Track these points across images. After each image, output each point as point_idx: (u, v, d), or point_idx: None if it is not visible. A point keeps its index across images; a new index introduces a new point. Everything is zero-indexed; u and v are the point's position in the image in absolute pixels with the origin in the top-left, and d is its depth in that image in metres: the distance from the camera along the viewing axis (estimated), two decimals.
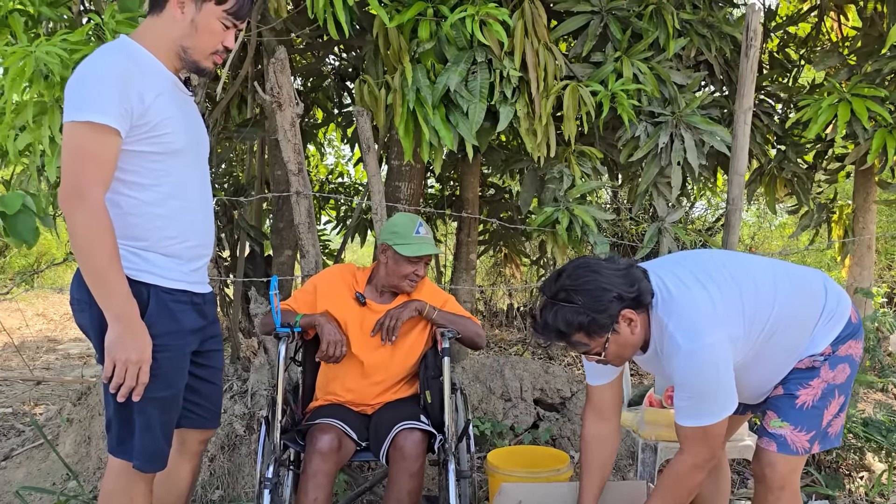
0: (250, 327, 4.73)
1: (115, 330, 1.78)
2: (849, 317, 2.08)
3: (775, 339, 2.02)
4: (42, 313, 9.26)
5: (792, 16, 4.92)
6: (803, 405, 2.03)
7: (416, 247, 2.56)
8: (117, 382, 1.80)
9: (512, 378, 3.74)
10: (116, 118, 1.76)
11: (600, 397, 2.24)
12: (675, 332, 1.93)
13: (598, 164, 3.55)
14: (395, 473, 2.36)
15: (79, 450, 3.48)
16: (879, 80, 3.79)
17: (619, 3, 3.50)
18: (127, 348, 1.79)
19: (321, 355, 2.49)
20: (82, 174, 1.75)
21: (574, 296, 1.91)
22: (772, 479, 2.06)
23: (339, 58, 5.23)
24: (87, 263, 1.77)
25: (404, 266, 2.58)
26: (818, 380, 2.03)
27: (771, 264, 2.12)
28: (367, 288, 2.68)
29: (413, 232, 2.58)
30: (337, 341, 2.48)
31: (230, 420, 3.25)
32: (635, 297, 1.93)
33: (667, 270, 2.03)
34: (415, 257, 2.56)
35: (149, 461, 1.93)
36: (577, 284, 1.92)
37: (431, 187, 5.89)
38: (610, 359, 2.03)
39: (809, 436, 2.03)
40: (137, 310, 1.81)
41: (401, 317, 2.54)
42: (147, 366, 1.82)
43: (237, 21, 1.95)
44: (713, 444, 1.98)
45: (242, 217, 4.72)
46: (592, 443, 2.26)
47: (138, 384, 1.81)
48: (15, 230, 2.46)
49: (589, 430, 2.27)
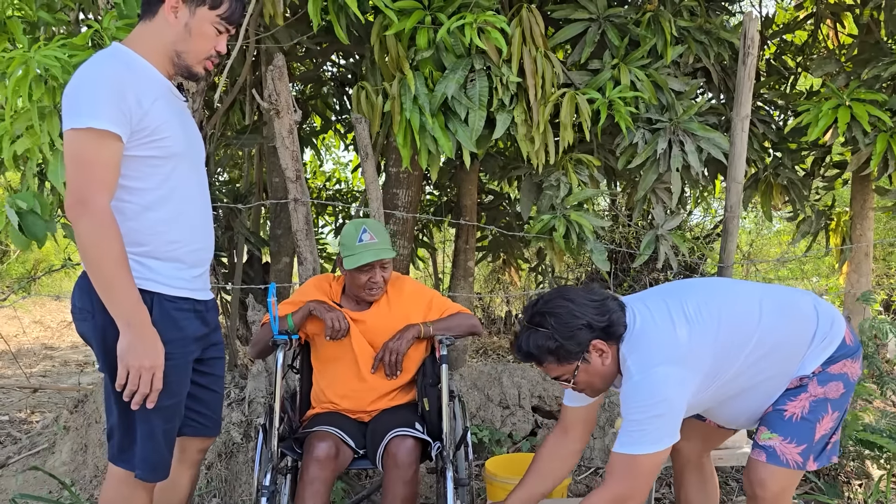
0: (248, 334, 4.72)
1: (126, 337, 1.78)
2: (843, 338, 2.07)
3: (761, 367, 2.02)
4: (39, 320, 9.23)
5: (788, 23, 4.93)
6: (792, 417, 2.03)
7: (357, 257, 2.49)
8: (131, 390, 1.79)
9: (510, 385, 3.74)
10: (116, 123, 1.76)
11: (573, 419, 2.25)
12: (632, 365, 1.95)
13: (595, 172, 3.55)
14: (389, 481, 2.35)
15: (75, 458, 3.46)
16: (878, 86, 3.80)
17: (616, 11, 3.51)
18: (139, 355, 1.78)
19: (329, 331, 2.47)
20: (85, 182, 1.74)
21: (546, 320, 1.95)
22: (762, 499, 2.05)
23: (337, 65, 5.24)
24: (95, 271, 1.77)
25: (357, 277, 2.53)
26: (805, 394, 2.03)
27: (760, 292, 2.11)
28: (343, 298, 2.66)
29: (356, 241, 2.51)
30: (337, 315, 2.48)
31: (227, 428, 3.24)
32: (604, 327, 1.95)
33: (644, 305, 2.04)
34: (363, 266, 2.51)
35: (151, 470, 1.92)
36: (550, 309, 1.97)
37: (430, 194, 5.89)
38: (581, 387, 2.05)
39: (801, 449, 2.02)
40: (148, 315, 1.81)
41: (401, 350, 2.51)
42: (160, 371, 1.81)
43: (229, 25, 1.96)
44: (638, 483, 1.94)
45: (241, 223, 4.72)
46: (546, 454, 2.25)
47: (152, 390, 1.81)
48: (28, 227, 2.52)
49: (548, 442, 2.26)
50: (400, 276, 2.73)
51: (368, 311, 2.62)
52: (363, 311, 2.63)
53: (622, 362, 2.00)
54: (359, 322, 2.60)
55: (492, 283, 7.81)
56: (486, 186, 5.70)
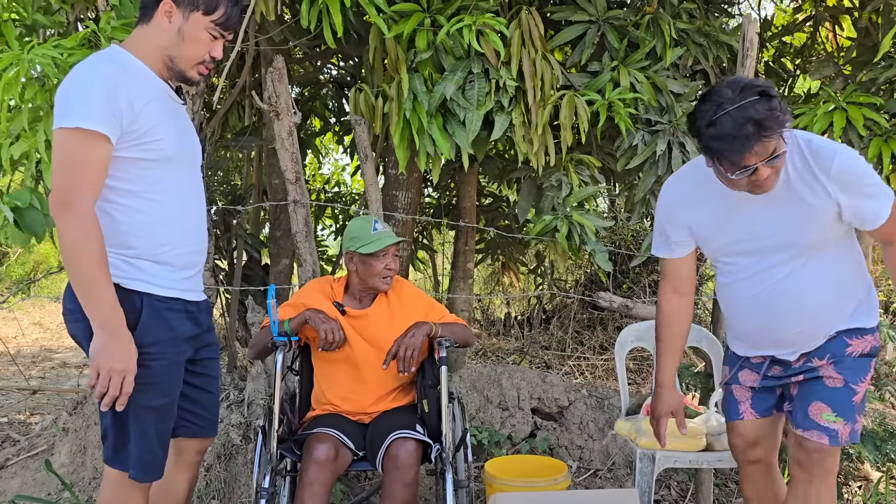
0: (247, 336, 4.72)
1: (100, 338, 1.78)
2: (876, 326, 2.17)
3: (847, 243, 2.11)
4: (38, 322, 9.22)
5: (787, 26, 4.94)
6: (856, 401, 2.09)
7: (377, 242, 2.58)
8: (101, 391, 1.79)
9: (509, 387, 3.74)
10: (106, 124, 1.76)
11: (676, 273, 2.27)
12: (821, 142, 2.00)
13: (595, 173, 3.55)
14: (389, 483, 2.35)
15: (74, 459, 3.46)
16: (874, 89, 3.80)
17: (616, 13, 3.52)
18: (111, 357, 1.77)
19: (322, 344, 2.47)
20: (71, 182, 1.74)
21: (766, 90, 1.90)
22: (821, 467, 2.08)
23: (337, 67, 5.24)
24: (74, 271, 1.77)
25: (373, 265, 2.59)
26: (868, 374, 2.11)
27: None
28: (345, 297, 2.68)
29: (370, 230, 2.61)
30: (332, 326, 2.48)
31: (227, 429, 3.24)
32: None
33: None
34: (381, 251, 2.58)
35: (145, 470, 1.92)
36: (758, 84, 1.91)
37: (429, 196, 5.90)
38: (770, 179, 1.94)
39: (849, 430, 2.08)
40: (124, 318, 1.80)
41: (416, 345, 2.48)
42: (132, 375, 1.80)
43: (224, 32, 1.95)
44: None
45: (240, 225, 4.72)
46: (671, 318, 2.28)
47: (122, 393, 1.80)
48: (25, 223, 2.53)
49: (666, 306, 2.29)
50: (399, 278, 2.74)
51: (370, 308, 2.63)
52: (365, 308, 2.64)
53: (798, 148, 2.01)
54: (360, 318, 2.60)
55: (491, 285, 7.81)
56: (486, 189, 5.71)
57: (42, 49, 2.51)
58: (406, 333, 2.50)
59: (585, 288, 6.70)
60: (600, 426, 3.65)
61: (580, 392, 3.82)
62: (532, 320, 6.99)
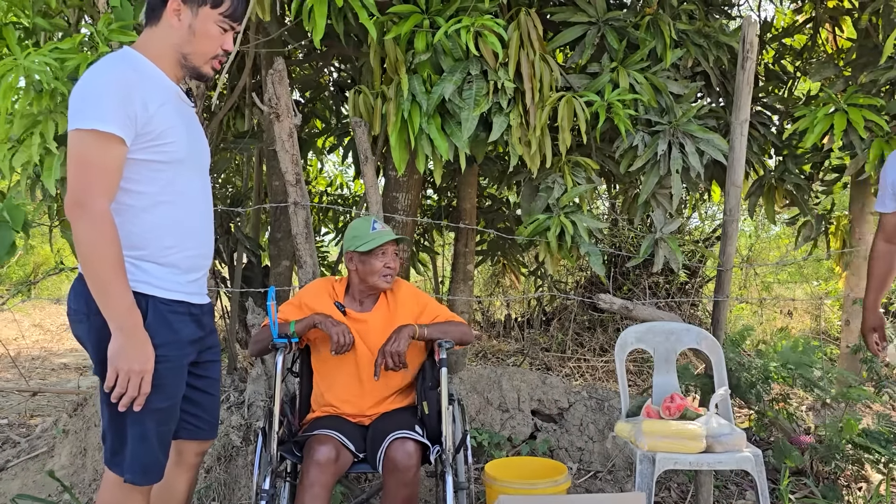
0: (247, 338, 4.71)
1: (118, 340, 1.78)
2: None
3: None
4: (39, 324, 9.23)
5: (788, 27, 4.94)
6: None
7: (376, 239, 2.60)
8: (119, 392, 1.80)
9: (509, 389, 3.74)
10: (121, 126, 1.77)
11: (893, 225, 2.83)
12: None
13: (593, 175, 3.55)
14: (389, 484, 2.35)
15: (74, 461, 3.46)
16: (875, 90, 3.80)
17: (615, 14, 3.52)
18: (129, 359, 1.78)
19: (335, 346, 2.48)
20: (86, 183, 1.75)
21: None
22: None
23: (337, 69, 5.25)
24: (91, 273, 1.77)
25: (373, 263, 2.60)
26: None
27: None
28: (346, 298, 2.68)
29: (369, 229, 2.63)
30: (342, 329, 2.49)
31: (227, 431, 3.24)
32: None
33: None
34: (379, 249, 2.59)
35: (143, 473, 1.92)
36: None
37: (429, 198, 5.90)
38: None
39: None
40: (140, 320, 1.81)
41: (401, 349, 2.49)
42: (149, 376, 1.82)
43: (234, 23, 1.97)
44: None
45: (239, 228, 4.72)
46: (880, 258, 2.88)
47: (140, 394, 1.81)
48: None
49: (879, 248, 2.89)
50: (398, 279, 2.74)
51: (371, 312, 2.64)
52: (366, 311, 2.64)
53: None
54: (361, 322, 2.60)
55: (491, 287, 7.81)
56: (486, 191, 5.71)
57: (38, 55, 2.50)
58: (388, 341, 2.51)
59: (585, 289, 6.70)
60: (600, 428, 3.65)
61: (580, 394, 3.82)
62: (532, 322, 6.99)
